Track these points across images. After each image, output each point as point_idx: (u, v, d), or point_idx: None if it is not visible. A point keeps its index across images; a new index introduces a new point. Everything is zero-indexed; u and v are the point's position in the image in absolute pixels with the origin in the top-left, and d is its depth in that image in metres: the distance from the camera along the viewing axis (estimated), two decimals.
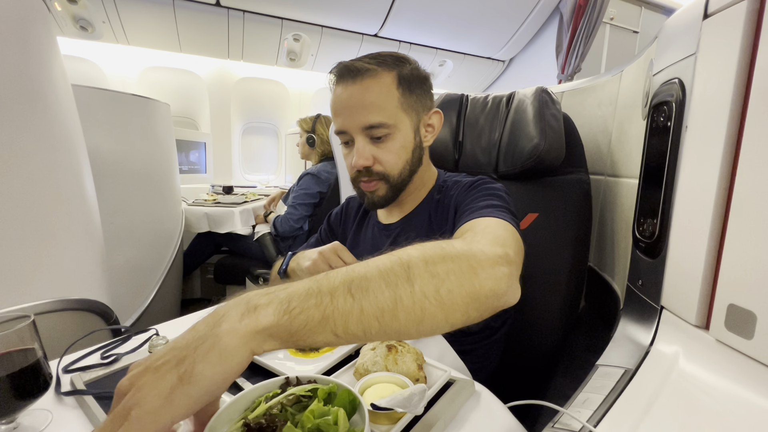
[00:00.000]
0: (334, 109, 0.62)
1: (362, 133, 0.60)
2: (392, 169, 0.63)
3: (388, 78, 0.60)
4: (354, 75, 0.59)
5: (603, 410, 0.37)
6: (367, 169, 0.62)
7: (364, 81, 0.59)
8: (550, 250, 0.76)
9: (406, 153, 0.63)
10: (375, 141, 0.61)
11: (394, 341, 0.44)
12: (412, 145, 0.64)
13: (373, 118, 0.59)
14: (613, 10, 2.34)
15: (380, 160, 0.62)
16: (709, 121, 0.40)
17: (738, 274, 0.36)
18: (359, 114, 0.59)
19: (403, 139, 0.62)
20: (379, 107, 0.59)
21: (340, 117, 0.61)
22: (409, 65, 0.63)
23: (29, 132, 0.68)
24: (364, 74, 0.59)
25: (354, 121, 0.60)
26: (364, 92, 0.59)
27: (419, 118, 0.65)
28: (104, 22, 2.13)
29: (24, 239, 0.67)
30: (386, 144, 0.61)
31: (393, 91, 0.60)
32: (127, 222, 1.33)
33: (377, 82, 0.59)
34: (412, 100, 0.62)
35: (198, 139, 2.72)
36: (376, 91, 0.59)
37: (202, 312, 0.66)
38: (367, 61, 0.60)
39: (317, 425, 0.28)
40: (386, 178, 0.63)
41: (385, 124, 0.59)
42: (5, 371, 0.33)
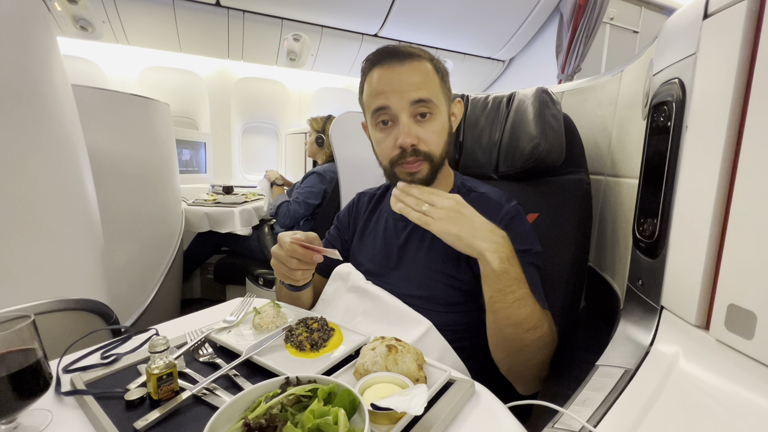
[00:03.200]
0: (376, 88, 0.63)
1: (407, 110, 0.61)
2: (435, 148, 0.64)
3: (428, 64, 0.64)
4: (402, 58, 0.62)
5: (603, 410, 0.37)
6: (414, 149, 0.62)
7: (412, 63, 0.62)
8: (550, 250, 0.76)
9: (444, 134, 0.66)
10: (418, 120, 0.62)
11: (394, 341, 0.44)
12: (447, 127, 0.67)
13: (422, 93, 0.61)
14: (613, 10, 2.34)
15: (424, 139, 0.63)
16: (709, 121, 0.40)
17: (738, 274, 0.36)
18: (407, 90, 0.61)
19: (442, 121, 0.65)
20: (426, 85, 0.62)
21: (384, 95, 0.62)
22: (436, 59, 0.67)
23: (29, 132, 0.68)
24: (413, 57, 0.62)
25: (402, 97, 0.61)
26: (412, 72, 0.61)
27: (449, 105, 0.68)
28: (104, 22, 2.13)
29: (24, 239, 0.66)
30: (429, 123, 0.63)
31: (434, 76, 0.64)
32: (127, 222, 1.33)
33: (422, 66, 0.63)
34: (445, 87, 0.66)
35: (198, 139, 2.72)
36: (422, 72, 0.62)
37: (202, 312, 0.66)
38: (407, 48, 0.63)
39: (317, 425, 0.28)
40: (430, 158, 0.64)
41: (432, 101, 0.62)
42: (5, 371, 0.33)
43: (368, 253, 0.76)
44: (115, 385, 0.42)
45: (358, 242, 0.79)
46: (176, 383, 0.40)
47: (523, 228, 0.66)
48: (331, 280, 0.75)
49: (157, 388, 0.38)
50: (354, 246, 0.79)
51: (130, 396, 0.38)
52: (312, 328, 0.52)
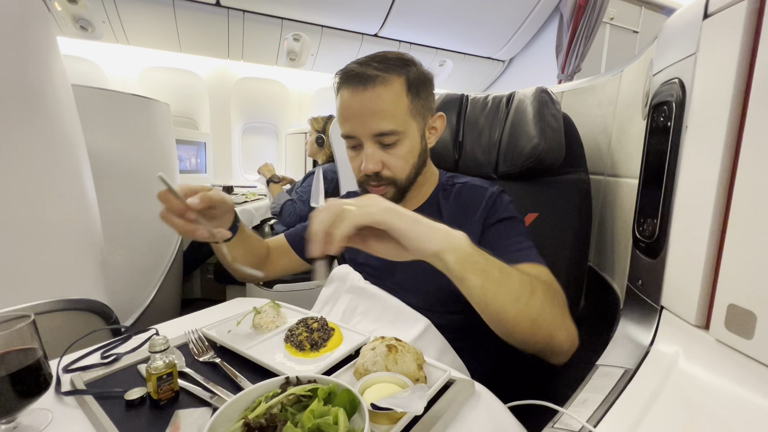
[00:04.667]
0: (342, 114, 0.62)
1: (372, 140, 0.61)
2: (400, 173, 0.64)
3: (397, 84, 0.60)
4: (365, 82, 0.58)
5: (603, 410, 0.37)
6: (377, 174, 0.63)
7: (375, 89, 0.58)
8: (550, 249, 0.76)
9: (413, 157, 0.64)
10: (384, 147, 0.62)
11: (394, 341, 0.44)
12: (419, 150, 0.65)
13: (384, 126, 0.59)
14: (613, 10, 2.34)
15: (389, 165, 0.63)
16: (709, 121, 0.40)
17: (738, 274, 0.36)
18: (370, 121, 0.59)
19: (411, 145, 0.63)
20: (390, 115, 0.59)
21: (349, 123, 0.62)
22: (416, 67, 0.63)
23: (29, 132, 0.68)
24: (376, 82, 0.58)
25: (364, 128, 0.60)
26: (375, 100, 0.58)
27: (425, 122, 0.66)
28: (104, 22, 2.13)
29: (24, 239, 0.67)
30: (395, 150, 0.62)
31: (403, 98, 0.60)
32: (127, 222, 1.33)
33: (388, 90, 0.59)
34: (419, 105, 0.63)
35: (198, 139, 2.72)
36: (387, 99, 0.59)
37: (202, 312, 0.66)
38: (375, 66, 0.59)
39: (317, 425, 0.28)
40: (395, 183, 0.64)
41: (396, 131, 0.60)
42: (6, 371, 0.33)
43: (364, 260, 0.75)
44: (114, 384, 0.42)
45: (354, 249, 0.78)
46: (176, 383, 0.40)
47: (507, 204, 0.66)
48: (329, 282, 0.75)
49: (157, 387, 0.38)
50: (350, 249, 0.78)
51: (130, 396, 0.38)
52: (312, 327, 0.52)
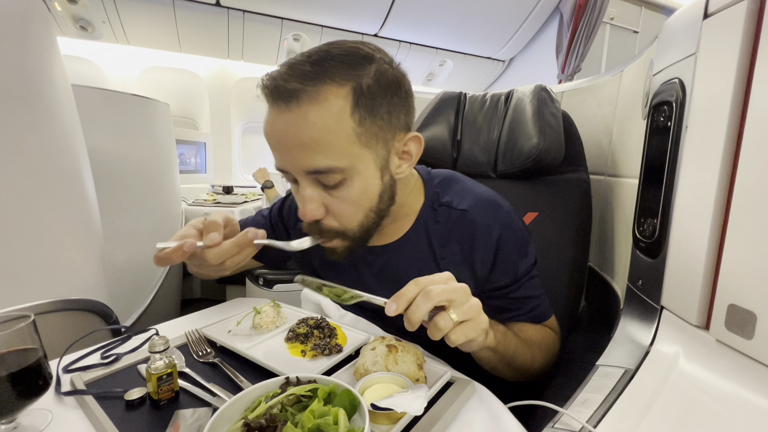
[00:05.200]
0: (267, 138, 0.46)
1: (307, 178, 0.45)
2: (350, 222, 0.48)
3: (337, 99, 0.42)
4: (287, 98, 0.41)
5: (603, 410, 0.37)
6: (317, 223, 0.48)
7: (300, 107, 0.41)
8: (550, 249, 0.76)
9: (369, 201, 0.47)
10: (326, 188, 0.46)
11: (395, 341, 0.44)
12: (378, 189, 0.47)
13: (317, 162, 0.43)
14: (613, 10, 2.34)
15: (334, 212, 0.47)
16: (710, 121, 0.40)
17: (738, 274, 0.36)
18: (298, 154, 0.43)
19: (363, 184, 0.46)
20: (325, 146, 0.42)
21: (275, 153, 0.46)
22: (372, 67, 0.44)
23: (29, 132, 0.68)
24: (299, 97, 0.41)
25: (293, 163, 0.44)
26: (300, 124, 0.41)
27: (388, 148, 0.47)
28: (104, 22, 2.13)
29: (24, 239, 0.67)
30: (341, 192, 0.45)
31: (345, 119, 0.42)
32: (126, 222, 1.33)
33: (320, 108, 0.41)
34: (375, 126, 0.44)
35: (198, 138, 2.72)
36: (319, 123, 0.41)
37: (202, 312, 0.66)
38: (307, 71, 0.42)
39: (317, 425, 0.28)
40: (343, 234, 0.49)
41: (335, 169, 0.43)
42: (5, 371, 0.33)
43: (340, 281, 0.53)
44: (114, 385, 0.42)
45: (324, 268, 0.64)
46: (176, 383, 0.40)
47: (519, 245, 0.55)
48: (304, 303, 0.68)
49: (157, 387, 0.38)
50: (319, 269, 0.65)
51: (130, 396, 0.38)
52: (310, 325, 0.52)
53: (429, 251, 0.56)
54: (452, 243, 0.55)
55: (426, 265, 0.56)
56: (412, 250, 0.57)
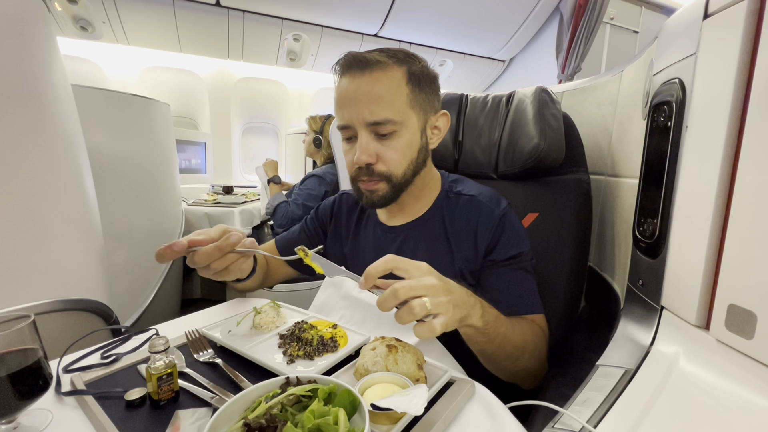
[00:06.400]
0: (338, 101, 0.59)
1: (367, 129, 0.58)
2: (396, 168, 0.60)
3: (398, 72, 0.57)
4: (363, 66, 0.56)
5: (603, 410, 0.37)
6: (369, 167, 0.59)
7: (373, 73, 0.56)
8: (550, 250, 0.76)
9: (411, 152, 0.61)
10: (380, 138, 0.58)
11: (395, 341, 0.44)
12: (418, 145, 0.61)
13: (380, 114, 0.56)
14: (613, 10, 2.34)
15: (384, 158, 0.59)
16: (710, 121, 0.40)
17: (738, 274, 0.36)
18: (366, 108, 0.56)
19: (409, 138, 0.59)
20: (387, 102, 0.56)
21: (345, 110, 0.58)
22: (420, 63, 0.61)
23: (29, 132, 0.68)
24: (374, 66, 0.56)
25: (359, 115, 0.57)
26: (372, 84, 0.56)
27: (426, 118, 0.62)
28: (104, 22, 2.13)
29: (24, 239, 0.67)
30: (392, 141, 0.58)
31: (402, 87, 0.57)
32: (127, 222, 1.33)
33: (387, 75, 0.56)
34: (420, 98, 0.60)
35: (198, 139, 2.72)
36: (385, 85, 0.56)
37: (202, 312, 0.66)
38: (377, 54, 0.58)
39: (317, 425, 0.28)
40: (389, 178, 0.60)
41: (393, 121, 0.57)
42: (5, 371, 0.33)
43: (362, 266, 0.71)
44: (114, 385, 0.42)
45: (352, 254, 0.74)
46: (176, 383, 0.40)
47: (514, 230, 0.64)
48: (324, 288, 0.73)
49: (158, 387, 0.38)
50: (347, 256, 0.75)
51: (130, 396, 0.38)
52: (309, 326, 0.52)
53: (442, 228, 0.66)
54: (461, 220, 0.65)
55: (439, 240, 0.65)
56: (428, 228, 0.67)
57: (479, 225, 0.63)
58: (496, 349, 0.53)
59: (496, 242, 0.63)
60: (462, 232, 0.64)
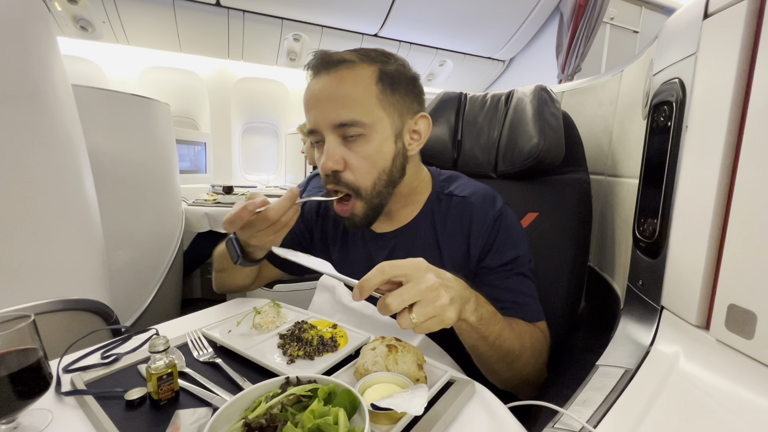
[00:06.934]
0: (305, 104, 0.56)
1: (333, 132, 0.54)
2: (364, 179, 0.55)
3: (367, 71, 0.54)
4: (328, 66, 0.53)
5: (603, 410, 0.37)
6: (336, 175, 0.55)
7: (339, 72, 0.53)
8: (550, 249, 0.76)
9: (383, 160, 0.55)
10: (347, 142, 0.54)
11: (395, 341, 0.44)
12: (391, 152, 0.56)
13: (346, 115, 0.52)
14: (613, 10, 2.34)
15: (351, 165, 0.54)
16: (710, 121, 0.40)
17: (738, 274, 0.36)
18: (331, 108, 0.53)
19: (379, 143, 0.54)
20: (354, 101, 0.52)
21: (311, 112, 0.55)
22: (396, 62, 0.57)
23: (29, 132, 0.68)
24: (340, 65, 0.53)
25: (325, 117, 0.53)
26: (338, 84, 0.52)
27: (402, 121, 0.57)
28: (104, 22, 2.13)
29: (24, 239, 0.67)
30: (360, 147, 0.54)
31: (371, 86, 0.53)
32: (127, 222, 1.33)
33: (353, 74, 0.53)
34: (394, 99, 0.55)
35: (198, 139, 2.72)
36: (350, 83, 0.52)
37: (202, 312, 0.66)
38: (346, 53, 0.55)
39: (317, 425, 0.28)
40: (357, 191, 0.55)
41: (359, 123, 0.52)
42: (6, 371, 0.33)
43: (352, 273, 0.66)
44: (115, 385, 0.42)
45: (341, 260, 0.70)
46: (176, 383, 0.40)
47: (509, 233, 0.60)
48: (319, 291, 0.71)
49: (158, 387, 0.38)
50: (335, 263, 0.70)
51: (130, 396, 0.38)
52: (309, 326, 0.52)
53: (432, 233, 0.62)
54: (453, 223, 0.62)
55: (429, 247, 0.62)
56: (418, 234, 0.63)
57: (472, 229, 0.60)
58: (489, 347, 0.50)
59: (490, 247, 0.59)
60: (454, 237, 0.61)
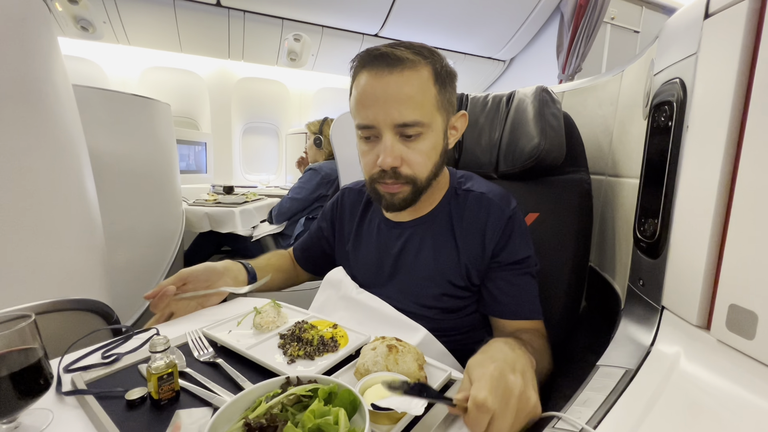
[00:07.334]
0: (362, 100, 0.56)
1: (393, 130, 0.55)
2: (421, 172, 0.58)
3: (426, 71, 0.55)
4: (391, 64, 0.53)
5: (604, 410, 0.37)
6: (394, 170, 0.57)
7: (403, 72, 0.53)
8: (550, 249, 0.76)
9: (436, 155, 0.59)
10: (405, 139, 0.56)
11: (395, 341, 0.44)
12: (441, 147, 0.60)
13: (410, 115, 0.54)
14: (614, 10, 2.33)
15: (409, 161, 0.57)
16: (710, 120, 0.40)
17: (739, 274, 0.36)
18: (395, 109, 0.53)
19: (434, 140, 0.58)
20: (417, 103, 0.54)
21: (370, 110, 0.55)
22: (442, 60, 0.58)
23: (30, 132, 0.68)
24: (404, 64, 0.53)
25: (387, 116, 0.54)
26: (403, 84, 0.53)
27: (449, 118, 0.61)
28: (105, 23, 2.13)
29: (25, 239, 0.67)
30: (417, 144, 0.56)
31: (431, 87, 0.55)
32: (127, 222, 1.33)
33: (417, 75, 0.54)
34: (445, 98, 0.58)
35: (199, 139, 2.72)
36: (415, 85, 0.53)
37: (204, 311, 0.66)
38: (404, 50, 0.54)
39: (318, 425, 0.28)
40: (414, 182, 0.58)
41: (421, 123, 0.55)
42: (7, 370, 0.33)
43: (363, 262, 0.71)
44: (115, 384, 0.42)
45: (353, 250, 0.73)
46: (177, 383, 0.40)
47: (522, 233, 0.63)
48: (322, 288, 0.72)
49: (158, 387, 0.38)
50: (350, 253, 0.74)
51: (131, 395, 0.38)
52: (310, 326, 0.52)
53: (449, 225, 0.65)
54: (469, 217, 0.64)
55: (445, 237, 0.65)
56: (435, 225, 0.66)
57: (488, 223, 0.62)
58: None
59: (505, 243, 0.62)
60: (470, 230, 0.63)
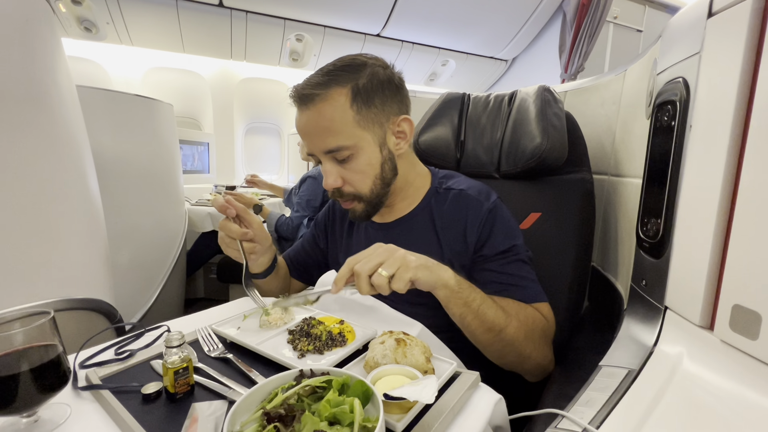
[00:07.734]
0: (298, 133, 0.64)
1: (326, 156, 0.61)
2: (362, 187, 0.63)
3: (340, 97, 0.58)
4: (305, 101, 0.59)
5: (606, 410, 0.37)
6: (338, 190, 0.63)
7: (315, 105, 0.58)
8: (553, 249, 0.77)
9: (374, 169, 0.62)
10: (340, 162, 0.61)
11: (402, 335, 0.45)
12: (379, 160, 0.63)
13: (330, 143, 0.59)
14: (616, 9, 2.33)
15: (348, 180, 0.62)
16: (714, 120, 0.40)
17: (743, 275, 0.36)
18: (317, 139, 0.60)
19: (367, 157, 0.61)
20: (334, 131, 0.58)
21: (305, 141, 0.63)
22: (367, 71, 0.60)
23: (34, 132, 0.69)
24: (314, 99, 0.58)
25: (315, 146, 0.61)
26: (317, 118, 0.58)
27: (383, 130, 0.62)
28: (108, 23, 2.14)
29: (28, 239, 0.67)
30: (351, 164, 0.61)
31: (346, 111, 0.58)
32: (130, 222, 1.34)
33: (328, 105, 0.58)
34: (371, 113, 0.60)
35: (201, 139, 2.73)
36: (328, 116, 0.58)
37: (206, 311, 0.66)
38: (317, 81, 0.59)
39: (334, 414, 0.29)
40: (359, 198, 0.64)
41: (344, 147, 0.59)
42: (28, 365, 0.34)
43: None
44: (129, 380, 0.43)
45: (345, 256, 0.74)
46: (192, 377, 0.40)
47: (505, 224, 0.65)
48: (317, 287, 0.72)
49: (174, 381, 0.38)
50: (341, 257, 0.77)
51: (147, 390, 0.39)
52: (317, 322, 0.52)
53: (430, 223, 0.68)
54: (450, 213, 0.67)
55: (427, 235, 0.67)
56: (417, 223, 0.69)
57: (468, 218, 0.64)
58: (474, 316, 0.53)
59: (487, 236, 0.63)
60: (451, 226, 0.66)
